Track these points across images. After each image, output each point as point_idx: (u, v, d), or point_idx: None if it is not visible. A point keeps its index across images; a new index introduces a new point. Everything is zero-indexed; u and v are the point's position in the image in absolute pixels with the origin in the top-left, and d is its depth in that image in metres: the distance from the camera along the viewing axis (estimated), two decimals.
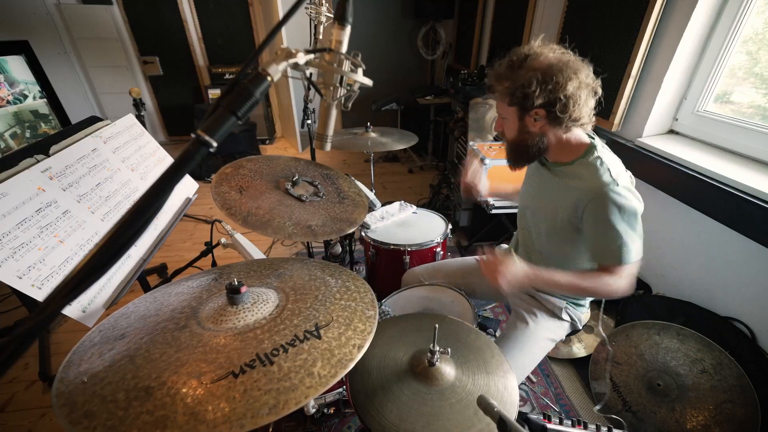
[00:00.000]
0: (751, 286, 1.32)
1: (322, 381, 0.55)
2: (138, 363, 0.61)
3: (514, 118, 0.99)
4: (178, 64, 4.39)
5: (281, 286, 0.83)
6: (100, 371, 0.61)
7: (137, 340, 0.68)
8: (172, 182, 0.39)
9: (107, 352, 0.66)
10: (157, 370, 0.59)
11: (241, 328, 0.67)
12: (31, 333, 0.33)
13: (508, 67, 0.96)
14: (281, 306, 0.74)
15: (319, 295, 0.78)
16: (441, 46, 4.24)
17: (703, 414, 1.28)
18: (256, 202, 1.24)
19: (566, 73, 0.89)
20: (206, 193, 1.40)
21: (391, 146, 1.93)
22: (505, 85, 0.96)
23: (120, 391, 0.56)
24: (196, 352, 0.62)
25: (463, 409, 0.75)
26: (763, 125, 1.37)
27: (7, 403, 1.61)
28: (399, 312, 1.28)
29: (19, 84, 2.56)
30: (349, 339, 0.64)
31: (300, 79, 0.66)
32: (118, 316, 0.80)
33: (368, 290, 0.83)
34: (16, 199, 0.98)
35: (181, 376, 0.57)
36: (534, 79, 0.90)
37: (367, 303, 0.76)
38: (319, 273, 0.88)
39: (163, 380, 0.57)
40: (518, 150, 1.06)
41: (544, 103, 0.92)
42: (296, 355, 0.60)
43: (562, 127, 0.96)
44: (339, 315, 0.71)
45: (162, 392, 0.55)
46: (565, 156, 1.04)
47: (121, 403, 0.54)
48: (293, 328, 0.66)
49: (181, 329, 0.69)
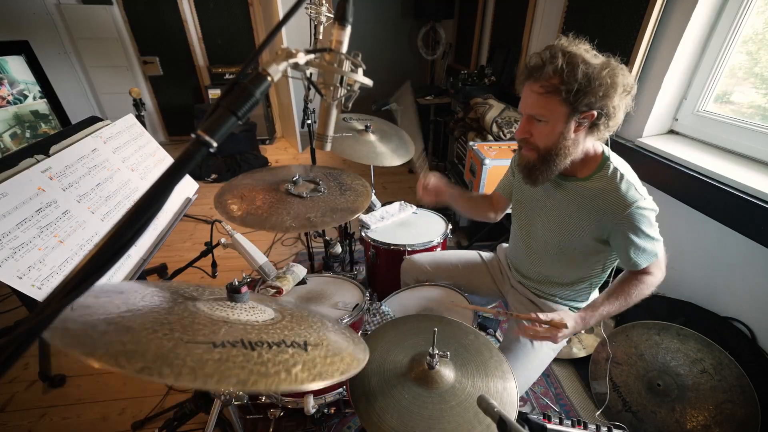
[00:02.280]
0: (751, 286, 1.32)
1: (298, 380, 0.54)
2: (125, 314, 0.61)
3: (561, 119, 0.89)
4: (178, 64, 4.39)
5: (279, 309, 0.82)
6: (90, 303, 0.61)
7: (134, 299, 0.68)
8: (172, 182, 0.39)
9: (103, 296, 0.67)
10: (141, 320, 0.59)
11: (233, 321, 0.67)
12: (31, 333, 0.33)
13: (561, 62, 0.85)
14: (276, 320, 0.74)
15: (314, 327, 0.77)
16: (441, 46, 4.24)
17: (703, 414, 1.28)
18: (255, 203, 1.25)
19: (623, 76, 0.86)
20: (206, 193, 1.41)
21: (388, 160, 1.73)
22: (556, 81, 0.85)
23: (101, 323, 0.56)
24: (183, 319, 0.63)
25: (463, 411, 0.75)
26: (763, 125, 1.37)
27: (7, 403, 1.61)
28: (399, 312, 1.27)
29: (19, 84, 2.56)
30: (334, 362, 0.63)
31: (300, 79, 0.66)
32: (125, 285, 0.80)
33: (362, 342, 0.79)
34: (16, 199, 0.98)
35: (163, 328, 0.57)
36: (604, 79, 0.83)
37: (360, 350, 0.74)
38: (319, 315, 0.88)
39: (145, 326, 0.57)
40: (551, 160, 0.94)
41: (602, 106, 0.86)
42: (279, 353, 0.59)
43: (598, 134, 0.92)
44: (330, 343, 0.69)
45: (141, 335, 0.55)
46: (581, 170, 1.00)
47: (99, 327, 0.54)
48: (283, 336, 0.66)
49: (177, 304, 0.70)
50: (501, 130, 2.36)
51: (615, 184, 0.94)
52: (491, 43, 3.19)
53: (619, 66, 0.87)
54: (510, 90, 2.81)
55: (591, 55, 0.87)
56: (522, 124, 0.96)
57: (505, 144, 2.26)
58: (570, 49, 0.87)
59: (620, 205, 0.92)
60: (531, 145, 0.96)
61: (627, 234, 0.94)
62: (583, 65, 0.84)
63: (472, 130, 2.65)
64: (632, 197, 0.92)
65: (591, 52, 0.88)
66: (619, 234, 0.96)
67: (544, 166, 0.96)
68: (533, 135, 0.94)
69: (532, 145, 0.96)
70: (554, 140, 0.92)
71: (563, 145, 0.92)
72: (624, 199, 0.92)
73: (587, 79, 0.84)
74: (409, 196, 3.42)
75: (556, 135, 0.91)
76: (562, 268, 1.14)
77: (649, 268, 0.99)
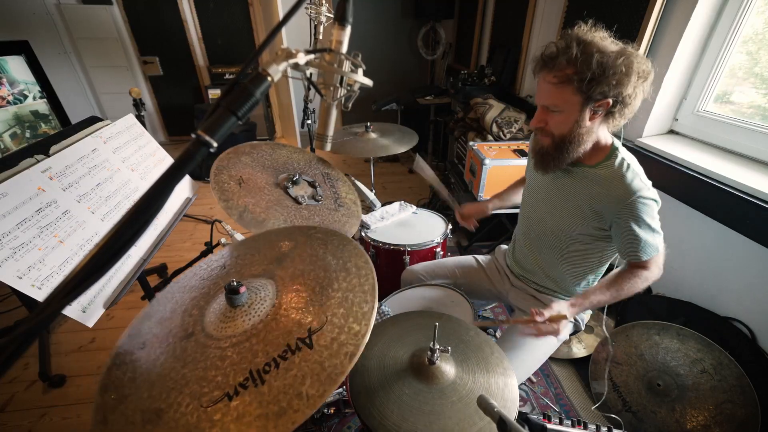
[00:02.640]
0: (751, 286, 1.32)
1: (310, 403, 0.57)
2: (152, 379, 0.66)
3: (575, 108, 0.90)
4: (178, 64, 4.39)
5: (281, 274, 0.83)
6: (125, 387, 0.67)
7: (155, 352, 0.72)
8: (172, 182, 0.39)
9: (131, 362, 0.72)
10: (166, 389, 0.64)
11: (239, 336, 0.69)
12: (31, 333, 0.33)
13: (576, 51, 0.85)
14: (277, 305, 0.75)
15: (317, 288, 0.77)
16: (441, 46, 4.23)
17: (703, 414, 1.28)
18: (254, 197, 1.23)
19: (639, 63, 0.85)
20: (206, 193, 1.41)
21: (391, 150, 1.92)
22: (570, 71, 0.86)
23: (137, 411, 0.62)
24: (198, 368, 0.66)
25: (464, 407, 0.75)
26: (763, 125, 1.37)
27: (7, 403, 1.61)
28: (399, 312, 1.27)
29: (19, 84, 2.56)
30: (341, 345, 0.64)
31: (300, 80, 0.66)
32: (143, 317, 0.83)
33: (370, 271, 0.78)
34: (16, 199, 0.98)
35: (185, 396, 0.62)
36: (619, 67, 0.83)
37: (367, 291, 0.73)
38: (321, 252, 0.87)
39: (171, 402, 0.62)
40: (566, 148, 0.95)
41: (617, 94, 0.85)
42: (287, 372, 0.62)
43: (613, 122, 0.93)
44: (334, 313, 0.70)
45: (169, 415, 0.60)
46: (590, 157, 1.00)
47: (137, 426, 0.60)
48: (286, 336, 0.67)
49: (188, 338, 0.73)
50: (501, 130, 2.36)
51: (621, 172, 0.95)
52: (491, 43, 3.18)
53: (635, 53, 0.87)
54: (510, 90, 2.81)
55: (608, 42, 0.87)
56: (537, 114, 0.98)
57: (505, 144, 2.26)
58: (585, 37, 0.87)
59: (624, 193, 0.93)
60: (546, 132, 0.98)
61: (629, 223, 0.95)
62: (597, 54, 0.84)
63: (472, 130, 2.65)
64: (636, 186, 0.93)
65: (608, 40, 0.88)
66: (620, 222, 0.96)
67: (557, 153, 0.98)
68: (548, 124, 0.96)
69: (547, 132, 0.97)
70: (569, 128, 0.93)
71: (578, 133, 0.93)
72: (628, 187, 0.93)
73: (601, 68, 0.83)
74: (409, 196, 3.42)
75: (571, 123, 0.92)
76: (556, 259, 1.15)
77: (647, 263, 0.99)
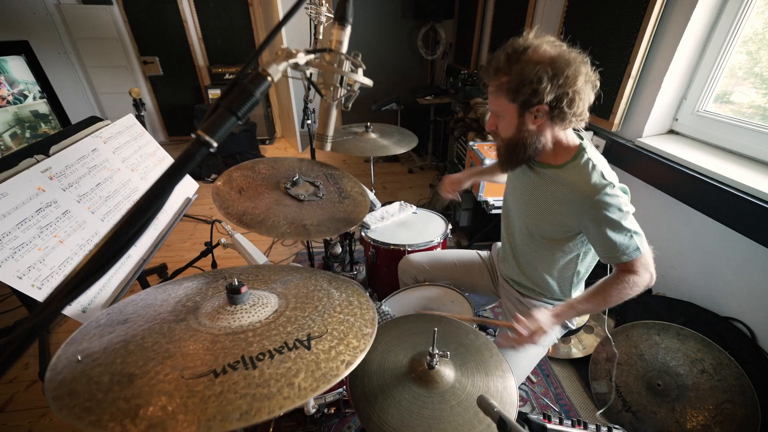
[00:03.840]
0: (751, 286, 1.32)
1: (301, 393, 0.55)
2: (130, 349, 0.63)
3: (513, 115, 0.94)
4: (178, 64, 4.39)
5: (284, 292, 0.83)
6: (95, 351, 0.63)
7: (137, 327, 0.69)
8: (172, 182, 0.39)
9: (107, 334, 0.68)
10: (144, 358, 0.60)
11: (235, 328, 0.68)
12: (31, 333, 0.33)
13: (507, 60, 0.89)
14: (279, 312, 0.74)
15: (320, 306, 0.78)
16: (441, 46, 4.23)
17: (703, 414, 1.28)
18: (254, 202, 1.24)
19: (575, 66, 0.86)
20: (206, 193, 1.41)
21: (391, 150, 1.91)
22: (504, 80, 0.90)
23: (106, 374, 0.58)
24: (185, 345, 0.64)
25: (463, 411, 0.75)
26: (763, 125, 1.37)
27: (7, 403, 1.61)
28: (399, 312, 1.27)
29: (19, 84, 2.56)
30: (339, 354, 0.64)
31: (300, 79, 0.66)
32: (127, 301, 0.82)
33: (371, 308, 0.80)
34: (16, 199, 0.98)
35: (165, 366, 0.58)
36: (544, 74, 0.85)
37: (367, 320, 0.75)
38: (325, 285, 0.88)
39: (147, 369, 0.58)
40: (514, 150, 1.01)
41: (551, 99, 0.87)
42: (281, 363, 0.60)
43: (562, 124, 0.94)
44: (335, 328, 0.70)
45: (143, 381, 0.56)
46: (556, 158, 1.02)
47: (103, 386, 0.56)
48: (285, 335, 0.67)
49: (178, 322, 0.70)
50: None
51: (586, 172, 0.95)
52: (491, 43, 3.18)
53: (572, 55, 0.87)
54: None
55: (548, 47, 0.88)
56: (489, 118, 1.03)
57: None
58: (521, 44, 0.89)
59: (589, 192, 0.93)
60: (497, 135, 1.04)
61: (597, 222, 0.94)
62: (528, 62, 0.86)
63: (472, 130, 2.65)
64: (600, 184, 0.93)
65: (550, 44, 0.89)
66: (589, 223, 0.96)
67: (508, 155, 1.03)
68: (498, 128, 1.01)
69: (497, 135, 1.03)
70: (513, 132, 0.98)
71: (523, 137, 0.97)
72: (593, 186, 0.93)
73: (533, 74, 0.85)
74: (409, 196, 3.43)
75: (514, 128, 0.97)
76: (533, 259, 1.15)
77: (634, 267, 0.96)
